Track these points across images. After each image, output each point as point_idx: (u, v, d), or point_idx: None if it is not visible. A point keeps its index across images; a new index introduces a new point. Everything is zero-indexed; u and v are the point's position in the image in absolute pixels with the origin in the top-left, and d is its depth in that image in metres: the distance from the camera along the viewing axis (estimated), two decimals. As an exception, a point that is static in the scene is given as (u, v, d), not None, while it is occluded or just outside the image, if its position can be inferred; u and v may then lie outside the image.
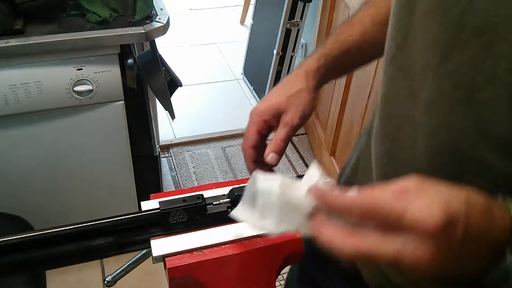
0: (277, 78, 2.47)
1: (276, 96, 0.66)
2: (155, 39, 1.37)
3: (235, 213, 0.51)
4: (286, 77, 0.69)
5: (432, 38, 0.45)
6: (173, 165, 2.23)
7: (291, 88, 0.66)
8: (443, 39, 0.44)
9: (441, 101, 0.46)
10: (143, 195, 0.64)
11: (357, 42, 0.69)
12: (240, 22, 3.42)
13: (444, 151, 0.47)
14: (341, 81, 1.88)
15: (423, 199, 0.37)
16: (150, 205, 0.60)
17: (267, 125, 0.65)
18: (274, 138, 0.64)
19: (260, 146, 0.65)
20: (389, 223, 0.38)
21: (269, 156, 0.62)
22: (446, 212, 0.36)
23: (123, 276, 0.62)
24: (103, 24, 1.28)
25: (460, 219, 0.36)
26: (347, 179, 0.75)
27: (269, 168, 0.64)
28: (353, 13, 0.73)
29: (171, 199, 0.58)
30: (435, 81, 0.46)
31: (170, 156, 2.28)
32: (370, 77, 1.61)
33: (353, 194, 0.41)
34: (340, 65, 0.71)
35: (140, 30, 1.28)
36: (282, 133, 0.64)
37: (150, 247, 0.56)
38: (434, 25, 0.44)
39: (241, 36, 3.18)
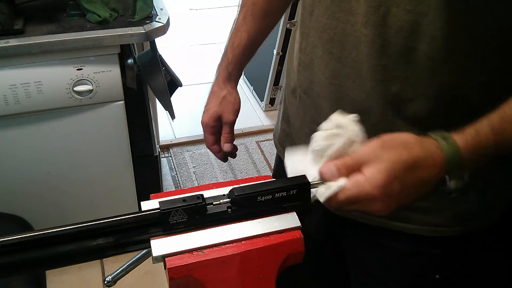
0: (277, 78, 2.47)
1: (211, 106, 0.93)
2: (155, 39, 1.37)
3: (289, 157, 0.63)
4: (211, 88, 0.96)
5: None
6: (173, 165, 2.23)
7: (218, 96, 0.93)
8: None
9: (376, 12, 0.59)
10: (143, 195, 0.64)
11: (248, 38, 0.93)
12: (240, 22, 3.42)
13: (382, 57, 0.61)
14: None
15: (372, 167, 0.52)
16: (150, 205, 0.60)
17: (214, 128, 0.94)
18: (222, 133, 0.94)
19: (217, 141, 0.95)
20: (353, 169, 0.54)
21: (224, 146, 0.93)
22: (386, 177, 0.51)
23: (123, 276, 0.62)
24: (103, 24, 1.28)
25: (396, 179, 0.51)
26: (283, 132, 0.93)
27: (229, 154, 0.96)
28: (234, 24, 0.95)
29: (171, 199, 0.58)
30: None
31: (170, 156, 2.28)
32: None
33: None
34: (245, 59, 0.97)
35: (140, 30, 1.28)
36: (225, 128, 0.93)
37: (150, 247, 0.56)
38: None
39: (241, 36, 3.18)
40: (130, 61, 1.35)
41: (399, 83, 0.63)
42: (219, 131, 0.95)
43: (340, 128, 0.57)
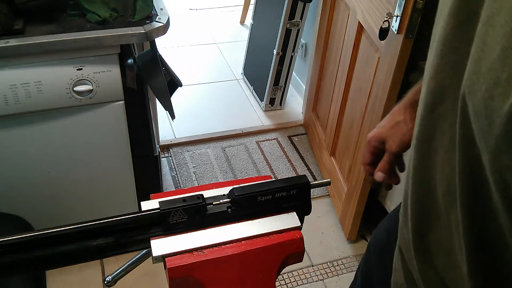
0: (277, 78, 2.47)
1: (382, 126, 0.83)
2: (155, 39, 1.37)
3: None
4: (394, 107, 0.84)
5: (431, 74, 0.45)
6: (173, 165, 2.23)
7: (393, 119, 0.82)
8: (439, 78, 0.45)
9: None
10: (143, 195, 0.64)
11: None
12: (240, 22, 3.42)
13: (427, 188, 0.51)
14: (341, 81, 1.88)
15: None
16: (150, 205, 0.60)
17: (376, 149, 0.84)
18: (382, 160, 0.82)
19: (374, 163, 0.84)
20: None
21: (377, 174, 0.82)
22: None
23: (123, 276, 0.62)
24: (103, 24, 1.28)
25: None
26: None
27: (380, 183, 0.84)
28: None
29: (171, 199, 0.58)
30: (424, 120, 0.50)
31: (170, 156, 2.28)
32: (370, 77, 1.61)
33: None
34: None
35: (140, 30, 1.28)
36: (386, 156, 0.82)
37: (150, 247, 0.56)
38: (434, 62, 0.44)
39: (241, 36, 3.18)
40: (130, 61, 1.35)
41: None
42: (381, 155, 0.83)
43: None
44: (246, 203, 0.59)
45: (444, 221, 0.49)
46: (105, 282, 0.61)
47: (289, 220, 0.60)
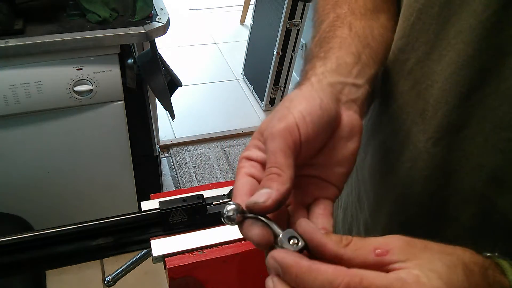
0: (277, 78, 2.47)
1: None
2: (155, 39, 1.37)
3: None
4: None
5: (464, 61, 0.42)
6: (173, 165, 2.23)
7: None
8: (477, 64, 0.41)
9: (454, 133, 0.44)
10: (143, 195, 0.64)
11: None
12: (240, 22, 3.42)
13: (443, 184, 0.46)
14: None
15: (414, 272, 0.31)
16: (150, 205, 0.60)
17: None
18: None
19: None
20: None
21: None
22: None
23: (123, 276, 0.62)
24: (103, 24, 1.28)
25: None
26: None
27: None
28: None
29: (171, 199, 0.58)
30: (455, 109, 0.43)
31: (170, 156, 2.28)
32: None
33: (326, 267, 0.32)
34: None
35: (140, 30, 1.28)
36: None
37: (150, 247, 0.56)
38: (468, 48, 0.41)
39: (241, 36, 3.18)
40: (130, 61, 1.35)
41: (450, 229, 0.47)
42: None
43: None
44: (246, 203, 0.59)
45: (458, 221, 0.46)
46: (105, 282, 0.61)
47: (289, 220, 0.60)
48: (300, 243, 0.34)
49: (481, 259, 0.34)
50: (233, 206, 0.36)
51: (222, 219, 0.36)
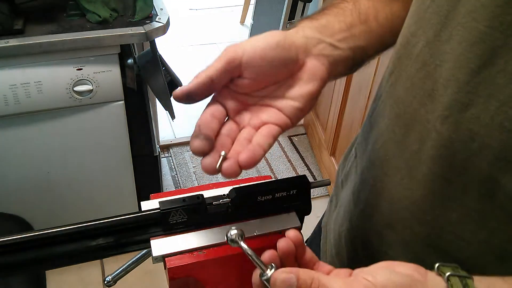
0: (277, 78, 2.47)
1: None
2: (155, 39, 1.37)
3: None
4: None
5: (475, 37, 0.42)
6: (173, 165, 2.23)
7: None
8: (488, 41, 0.41)
9: (463, 110, 0.44)
10: (143, 195, 0.64)
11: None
12: (240, 22, 3.42)
13: (448, 165, 0.46)
14: (341, 81, 1.88)
15: None
16: (150, 205, 0.60)
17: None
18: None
19: None
20: None
21: None
22: None
23: (123, 276, 0.62)
24: (103, 24, 1.28)
25: None
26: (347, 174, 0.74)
27: None
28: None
29: (171, 199, 0.58)
30: (465, 86, 0.43)
31: (170, 156, 2.28)
32: (370, 77, 1.61)
33: None
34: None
35: (140, 30, 1.28)
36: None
37: (150, 247, 0.56)
38: (479, 26, 0.41)
39: (241, 36, 3.18)
40: (130, 61, 1.35)
41: (455, 213, 0.47)
42: None
43: None
44: (246, 203, 0.59)
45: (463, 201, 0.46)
46: (105, 282, 0.61)
47: (289, 220, 0.60)
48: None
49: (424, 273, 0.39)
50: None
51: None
